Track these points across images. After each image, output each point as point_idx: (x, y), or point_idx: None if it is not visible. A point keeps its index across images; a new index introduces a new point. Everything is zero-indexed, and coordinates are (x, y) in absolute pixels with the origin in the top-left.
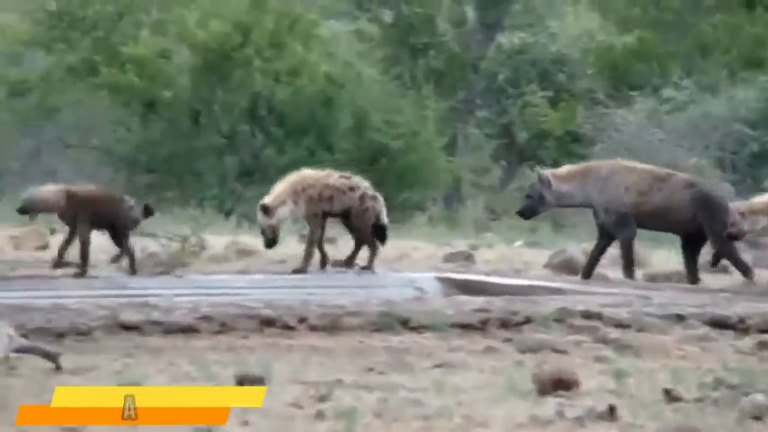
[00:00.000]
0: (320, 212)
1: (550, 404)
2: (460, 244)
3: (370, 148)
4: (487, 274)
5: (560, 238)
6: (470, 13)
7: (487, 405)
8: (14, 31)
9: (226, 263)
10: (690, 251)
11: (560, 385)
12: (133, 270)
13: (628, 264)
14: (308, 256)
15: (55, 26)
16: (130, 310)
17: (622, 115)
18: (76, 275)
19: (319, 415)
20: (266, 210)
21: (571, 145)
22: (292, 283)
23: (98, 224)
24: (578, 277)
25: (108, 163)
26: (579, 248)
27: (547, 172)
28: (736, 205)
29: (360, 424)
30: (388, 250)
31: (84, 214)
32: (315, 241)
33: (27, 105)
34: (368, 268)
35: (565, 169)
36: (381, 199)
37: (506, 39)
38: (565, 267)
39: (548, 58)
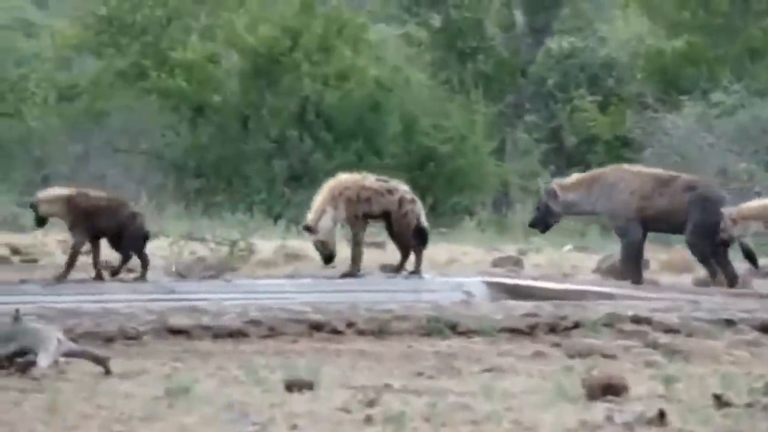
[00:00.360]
0: (360, 214)
1: (599, 409)
2: (509, 249)
3: (419, 152)
4: (535, 278)
5: (609, 242)
6: (519, 17)
7: (536, 410)
8: (64, 35)
9: (275, 267)
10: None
11: (610, 390)
12: (143, 277)
13: (630, 267)
14: (357, 259)
15: (105, 31)
16: (179, 314)
17: (672, 120)
18: (58, 278)
19: (368, 420)
20: (309, 229)
21: (620, 150)
22: (340, 288)
23: (101, 232)
24: (627, 281)
25: (157, 167)
26: None
27: (554, 182)
28: (728, 211)
29: (409, 428)
30: (436, 254)
31: (80, 221)
32: (360, 242)
33: (76, 109)
34: (416, 272)
35: (573, 178)
36: (419, 201)
37: (555, 43)
38: (614, 271)
39: (597, 63)
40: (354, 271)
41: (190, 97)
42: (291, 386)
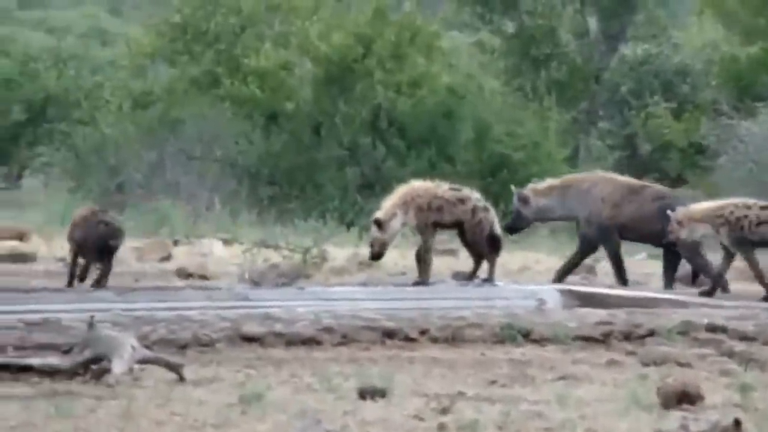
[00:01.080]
0: (430, 222)
1: (674, 418)
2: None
3: (492, 159)
4: (609, 286)
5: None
6: (593, 24)
7: (611, 418)
8: (139, 43)
9: (348, 275)
10: (669, 260)
11: (685, 398)
12: (98, 285)
13: (619, 272)
14: (426, 267)
15: (179, 39)
16: (253, 321)
17: (747, 127)
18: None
19: (441, 428)
20: (380, 224)
21: (695, 157)
22: (413, 295)
23: (84, 246)
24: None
25: (231, 175)
26: None
27: (528, 187)
28: (674, 214)
29: None
30: (509, 262)
31: (71, 236)
32: (429, 250)
33: (151, 117)
34: (489, 280)
35: (546, 183)
36: (492, 209)
37: (629, 50)
38: (689, 279)
39: (672, 69)
40: (424, 279)
41: (264, 105)
42: (364, 394)
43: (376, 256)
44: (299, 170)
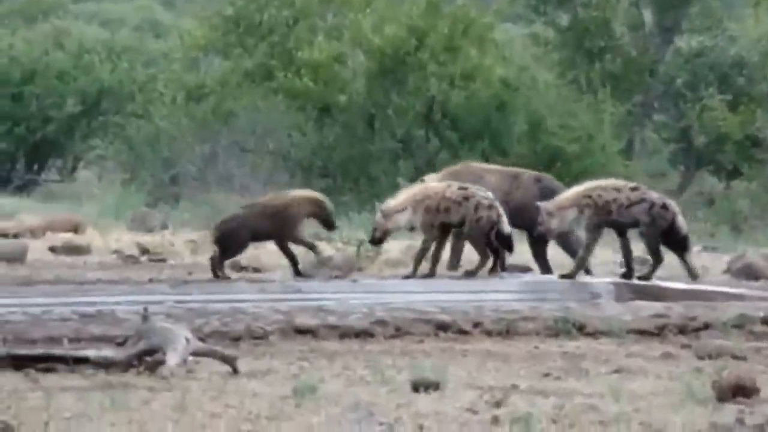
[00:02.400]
0: (437, 224)
1: (729, 411)
2: (637, 249)
3: (546, 152)
4: (664, 279)
5: (740, 242)
6: (647, 16)
7: (665, 412)
8: (192, 36)
9: (402, 267)
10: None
11: (740, 391)
12: None
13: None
14: (418, 262)
15: (232, 31)
16: (306, 314)
17: None
18: None
19: (495, 421)
20: (385, 213)
21: (751, 150)
22: (466, 288)
23: None
24: (759, 283)
25: (284, 167)
26: (759, 253)
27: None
28: (544, 204)
29: (536, 429)
30: (563, 254)
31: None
32: (426, 249)
33: (204, 110)
34: (472, 273)
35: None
36: (500, 208)
37: (684, 42)
38: (745, 272)
39: (727, 62)
40: (413, 273)
41: (316, 97)
42: (417, 386)
43: (377, 241)
44: (352, 163)
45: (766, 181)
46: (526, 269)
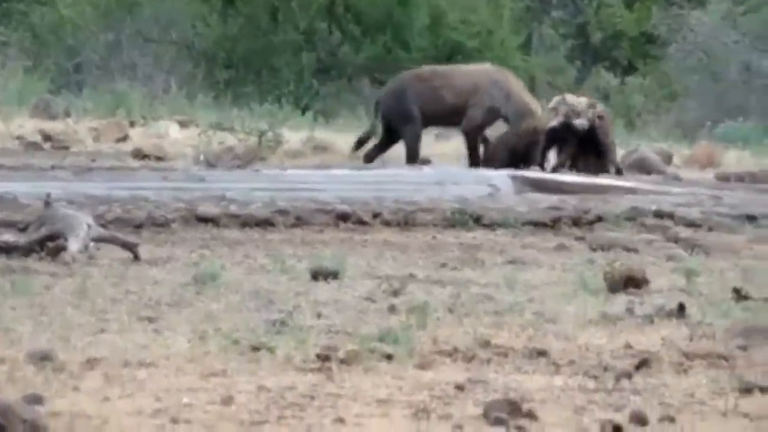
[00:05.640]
0: None
1: (620, 302)
2: None
3: (446, 46)
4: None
5: (633, 137)
6: None
7: (558, 301)
8: None
9: (303, 158)
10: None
11: (631, 282)
12: None
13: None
14: None
15: None
16: (208, 202)
17: (697, 16)
18: None
19: (392, 309)
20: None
21: (646, 46)
22: (367, 179)
23: None
24: (651, 177)
25: (187, 57)
26: (651, 147)
27: None
28: None
29: (432, 318)
30: (463, 147)
31: None
32: None
33: None
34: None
35: None
36: None
37: None
38: (638, 166)
39: None
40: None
41: None
42: (316, 275)
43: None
44: (255, 54)
45: (660, 77)
46: (426, 161)
